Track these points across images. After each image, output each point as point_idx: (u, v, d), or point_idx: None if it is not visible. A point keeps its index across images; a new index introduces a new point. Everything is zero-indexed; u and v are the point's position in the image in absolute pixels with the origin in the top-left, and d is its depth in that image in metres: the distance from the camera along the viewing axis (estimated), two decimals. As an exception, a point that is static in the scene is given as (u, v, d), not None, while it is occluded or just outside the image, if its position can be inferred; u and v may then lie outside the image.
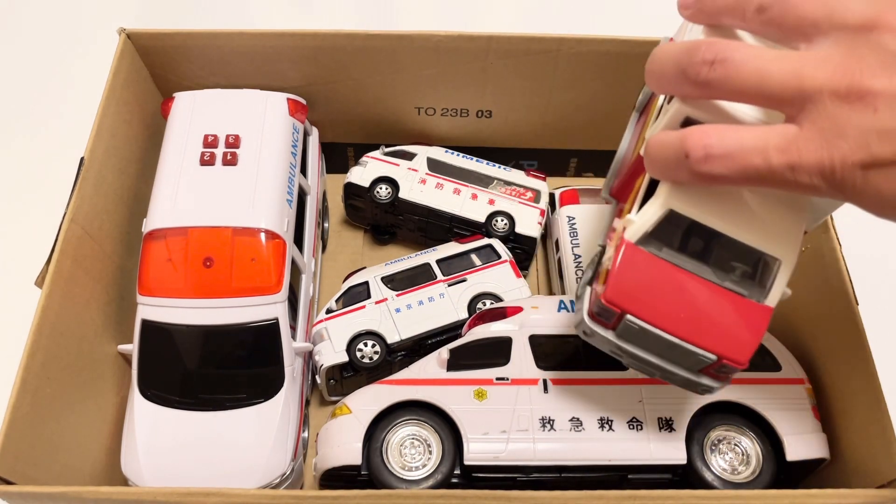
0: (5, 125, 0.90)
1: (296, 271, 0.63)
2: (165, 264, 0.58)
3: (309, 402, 0.68)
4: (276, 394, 0.59)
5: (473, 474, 0.53)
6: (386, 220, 0.77)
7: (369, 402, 0.55)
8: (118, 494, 0.46)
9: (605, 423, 0.54)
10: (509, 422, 0.54)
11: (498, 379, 0.56)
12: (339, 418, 0.56)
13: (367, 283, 0.69)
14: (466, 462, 0.52)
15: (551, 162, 0.83)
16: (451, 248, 0.72)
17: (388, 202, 0.74)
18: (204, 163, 0.62)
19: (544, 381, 0.56)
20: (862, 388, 0.53)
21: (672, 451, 0.53)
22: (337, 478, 0.55)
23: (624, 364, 0.49)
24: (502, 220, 0.74)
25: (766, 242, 0.44)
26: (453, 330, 0.66)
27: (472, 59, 0.71)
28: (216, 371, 0.59)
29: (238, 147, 0.63)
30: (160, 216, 0.60)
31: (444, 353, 0.58)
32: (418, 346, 0.66)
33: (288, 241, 0.61)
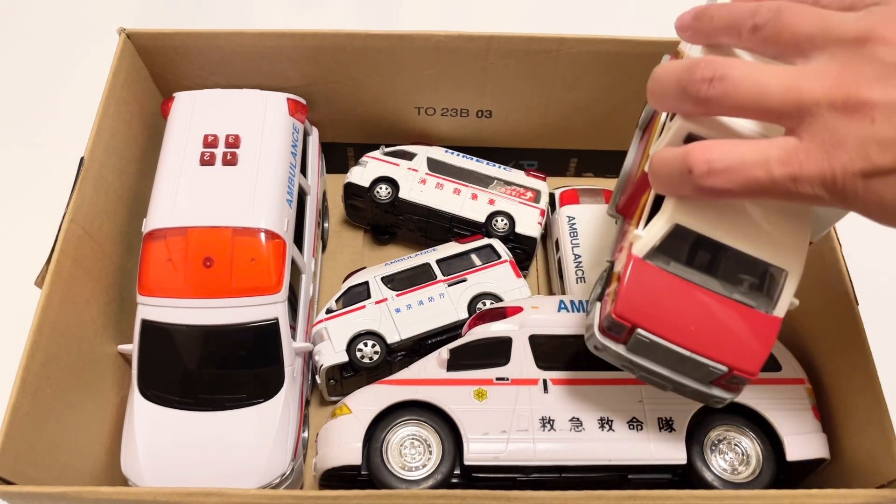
0: (5, 125, 0.90)
1: (296, 271, 0.63)
2: (165, 264, 0.58)
3: (309, 402, 0.68)
4: (276, 394, 0.59)
5: (473, 474, 0.53)
6: (386, 220, 0.77)
7: (369, 402, 0.55)
8: (118, 494, 0.46)
9: (605, 423, 0.54)
10: (509, 422, 0.54)
11: (498, 379, 0.56)
12: (339, 418, 0.56)
13: (367, 283, 0.69)
14: (466, 462, 0.52)
15: (551, 162, 0.83)
16: (451, 248, 0.72)
17: (388, 202, 0.74)
18: (204, 163, 0.62)
19: (544, 381, 0.56)
20: (862, 388, 0.53)
21: (672, 451, 0.53)
22: (337, 478, 0.55)
23: (635, 377, 0.50)
24: (502, 220, 0.74)
25: (772, 254, 0.45)
26: (453, 330, 0.66)
27: (472, 59, 0.71)
28: (216, 371, 0.59)
29: (238, 147, 0.63)
30: (160, 216, 0.60)
31: (444, 353, 0.58)
32: (418, 346, 0.66)
33: (288, 241, 0.61)
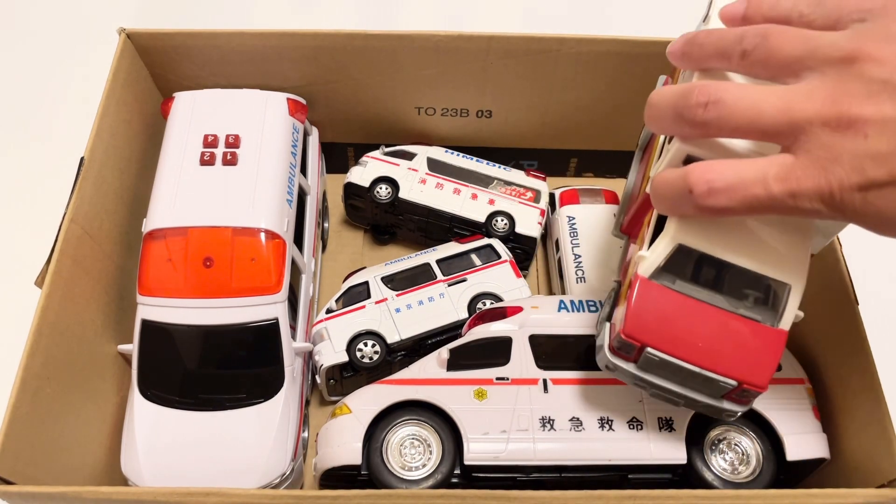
0: (5, 125, 0.90)
1: (296, 271, 0.63)
2: (165, 264, 0.58)
3: (309, 402, 0.68)
4: (276, 394, 0.59)
5: (473, 474, 0.53)
6: (386, 220, 0.77)
7: (369, 402, 0.55)
8: (118, 494, 0.46)
9: (605, 423, 0.54)
10: (509, 422, 0.53)
11: (498, 379, 0.56)
12: (339, 418, 0.56)
13: (367, 283, 0.69)
14: (466, 462, 0.52)
15: (551, 162, 0.83)
16: (451, 248, 0.72)
17: (388, 202, 0.74)
18: (204, 163, 0.62)
19: (544, 380, 0.56)
20: (862, 388, 0.53)
21: (672, 450, 0.53)
22: (337, 478, 0.55)
23: (648, 393, 0.51)
24: (502, 220, 0.74)
25: (775, 269, 0.45)
26: (453, 330, 0.66)
27: (472, 59, 0.70)
28: (216, 371, 0.59)
29: (238, 147, 0.63)
30: (160, 216, 0.60)
31: (444, 352, 0.58)
32: (418, 346, 0.66)
33: (288, 241, 0.61)
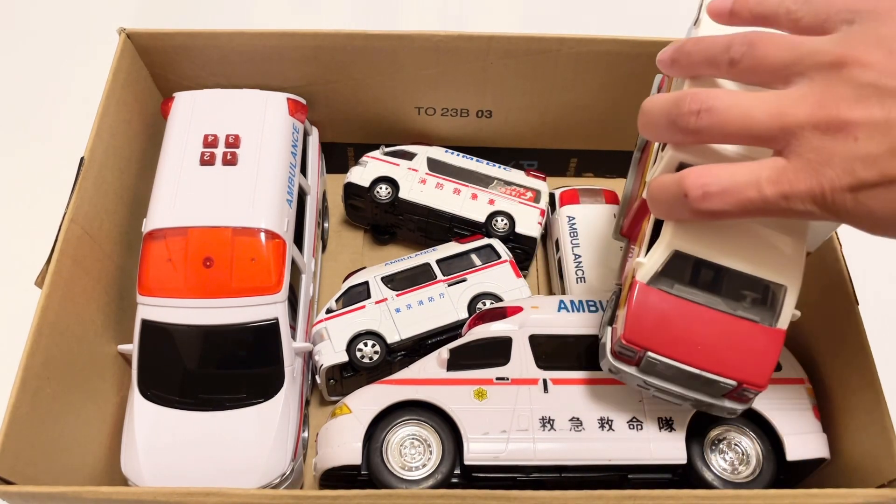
0: (5, 125, 0.90)
1: (296, 271, 0.63)
2: (165, 264, 0.58)
3: (309, 402, 0.68)
4: (276, 394, 0.59)
5: (473, 474, 0.53)
6: (386, 220, 0.77)
7: (369, 402, 0.55)
8: (118, 494, 0.46)
9: (605, 423, 0.54)
10: (509, 422, 0.53)
11: (498, 379, 0.56)
12: (339, 418, 0.56)
13: (367, 283, 0.69)
14: (466, 462, 0.52)
15: (551, 162, 0.83)
16: (451, 248, 0.72)
17: (388, 202, 0.74)
18: (204, 163, 0.62)
19: (544, 380, 0.56)
20: (862, 388, 0.53)
21: (672, 450, 0.53)
22: (337, 478, 0.55)
23: (651, 395, 0.51)
24: (502, 220, 0.74)
25: (770, 271, 0.46)
26: (453, 330, 0.66)
27: (472, 59, 0.70)
28: (216, 371, 0.59)
29: (238, 147, 0.63)
30: (160, 216, 0.60)
31: (444, 352, 0.58)
32: (418, 346, 0.66)
33: (288, 241, 0.61)
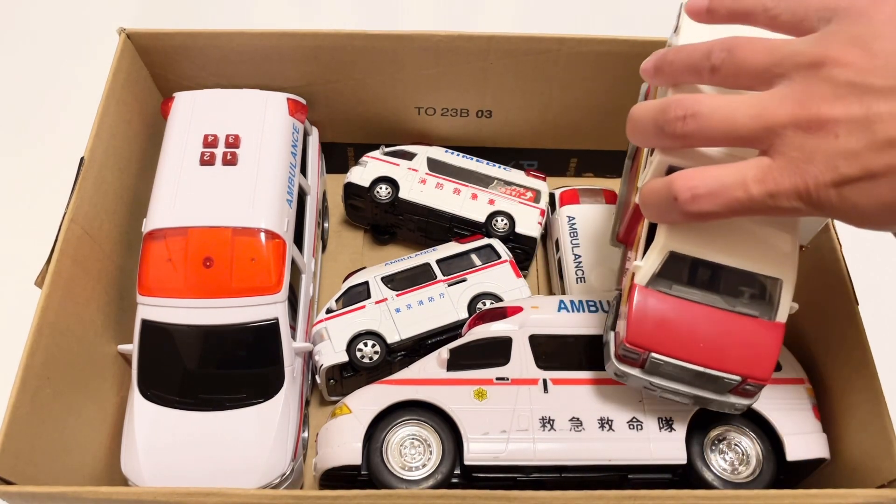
0: (5, 125, 0.90)
1: (296, 271, 0.63)
2: (165, 264, 0.58)
3: (309, 402, 0.68)
4: (276, 394, 0.59)
5: (473, 474, 0.53)
6: (386, 220, 0.77)
7: (369, 402, 0.55)
8: (118, 494, 0.46)
9: (605, 423, 0.54)
10: (509, 422, 0.53)
11: (498, 379, 0.56)
12: (339, 418, 0.56)
13: (367, 283, 0.69)
14: (466, 462, 0.52)
15: (551, 162, 0.83)
16: (451, 248, 0.72)
17: (388, 202, 0.74)
18: (204, 163, 0.62)
19: (544, 380, 0.56)
20: (862, 387, 0.53)
21: (672, 450, 0.53)
22: (337, 478, 0.55)
23: (658, 395, 0.52)
24: (502, 220, 0.74)
25: (765, 266, 0.47)
26: (453, 330, 0.66)
27: (472, 59, 0.70)
28: (216, 371, 0.59)
29: (238, 147, 0.63)
30: (160, 216, 0.60)
31: (444, 352, 0.58)
32: (418, 346, 0.66)
33: (288, 241, 0.61)
